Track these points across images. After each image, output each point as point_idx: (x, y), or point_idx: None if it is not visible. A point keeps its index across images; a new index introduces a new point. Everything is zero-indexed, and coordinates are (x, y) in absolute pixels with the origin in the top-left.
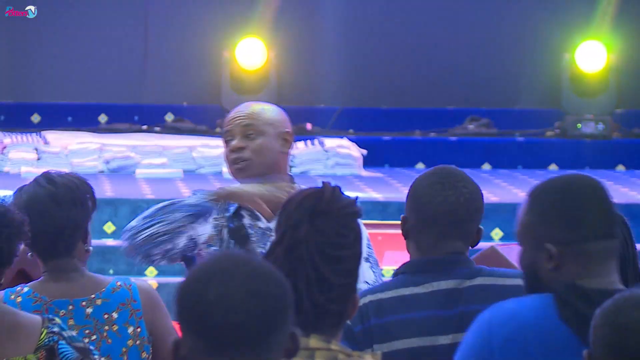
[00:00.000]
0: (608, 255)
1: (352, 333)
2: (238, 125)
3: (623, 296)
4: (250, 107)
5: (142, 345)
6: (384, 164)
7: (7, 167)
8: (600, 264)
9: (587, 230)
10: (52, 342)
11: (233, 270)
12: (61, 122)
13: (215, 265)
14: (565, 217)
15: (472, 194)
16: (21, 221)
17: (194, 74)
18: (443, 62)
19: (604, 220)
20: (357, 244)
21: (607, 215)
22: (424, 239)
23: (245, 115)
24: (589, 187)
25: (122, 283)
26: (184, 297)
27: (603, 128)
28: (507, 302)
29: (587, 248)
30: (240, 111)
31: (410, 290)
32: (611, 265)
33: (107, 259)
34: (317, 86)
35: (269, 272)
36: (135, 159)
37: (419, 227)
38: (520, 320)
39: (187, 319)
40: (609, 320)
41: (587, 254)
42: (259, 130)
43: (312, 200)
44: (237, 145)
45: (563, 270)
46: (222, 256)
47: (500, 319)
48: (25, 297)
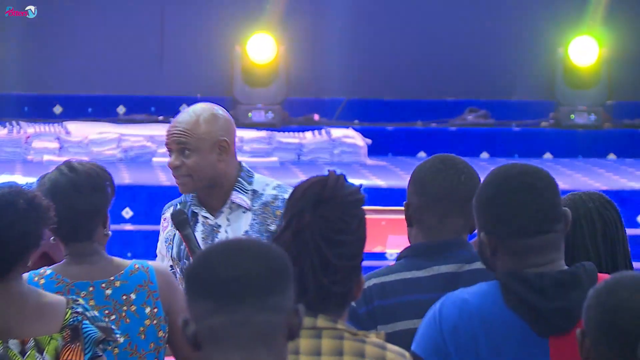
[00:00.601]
0: (543, 248)
1: (356, 314)
2: (174, 141)
3: (614, 277)
4: (186, 121)
5: (159, 325)
6: (388, 153)
7: (30, 155)
8: (535, 255)
9: (517, 228)
10: (76, 322)
11: (237, 242)
12: (82, 113)
13: (220, 243)
14: (497, 212)
15: (471, 175)
16: (47, 206)
17: (208, 67)
18: (443, 57)
19: (537, 217)
20: (361, 229)
21: (542, 211)
22: (427, 220)
23: (180, 132)
24: (526, 185)
25: (140, 266)
26: (192, 270)
27: (595, 119)
28: (456, 292)
29: (519, 243)
30: (177, 125)
31: (412, 274)
32: (549, 255)
33: (126, 242)
34: (324, 79)
35: (272, 247)
36: (151, 148)
37: (423, 207)
38: (467, 308)
39: (193, 283)
40: (600, 300)
41: (519, 248)
42: (193, 147)
43: (317, 188)
44: (174, 164)
45: (499, 259)
46: (228, 240)
47: (448, 307)
48: (48, 279)
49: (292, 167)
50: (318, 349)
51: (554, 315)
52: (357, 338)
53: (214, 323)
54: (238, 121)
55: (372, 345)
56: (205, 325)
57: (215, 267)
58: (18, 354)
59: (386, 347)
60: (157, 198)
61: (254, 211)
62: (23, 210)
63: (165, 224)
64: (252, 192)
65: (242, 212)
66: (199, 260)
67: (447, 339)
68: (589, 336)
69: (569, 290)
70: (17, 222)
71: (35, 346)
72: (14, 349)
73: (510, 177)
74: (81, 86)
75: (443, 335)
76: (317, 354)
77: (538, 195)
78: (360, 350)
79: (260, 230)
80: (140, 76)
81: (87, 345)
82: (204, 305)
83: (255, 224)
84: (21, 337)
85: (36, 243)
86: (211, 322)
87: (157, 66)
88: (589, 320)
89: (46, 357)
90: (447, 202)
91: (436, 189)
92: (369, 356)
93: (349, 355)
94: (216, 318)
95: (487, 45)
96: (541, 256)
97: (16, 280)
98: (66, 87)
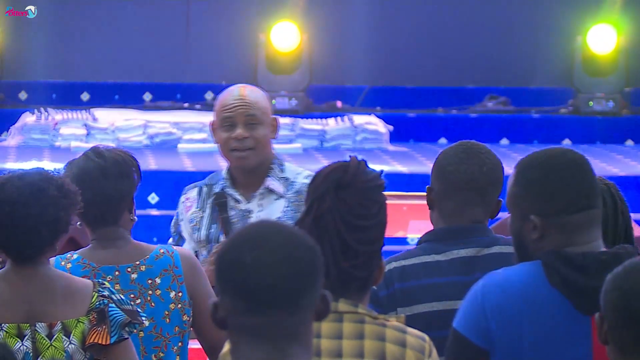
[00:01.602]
0: (589, 224)
1: (377, 297)
2: (241, 113)
3: (632, 262)
4: (249, 94)
5: (184, 309)
6: (409, 139)
7: (58, 141)
8: (581, 233)
9: (568, 203)
10: (102, 305)
11: (268, 236)
12: (109, 100)
13: (251, 231)
14: (547, 191)
15: (494, 165)
16: (76, 192)
17: (232, 55)
18: (464, 45)
19: (583, 193)
20: (382, 214)
21: (586, 187)
22: (447, 206)
23: (248, 104)
24: (570, 162)
25: (165, 250)
26: (224, 261)
27: (613, 105)
28: (499, 271)
29: (568, 219)
30: (241, 98)
31: (432, 258)
32: (593, 233)
33: (152, 227)
34: (347, 67)
35: (300, 237)
36: (177, 135)
37: (443, 194)
38: (510, 288)
39: (226, 281)
40: (617, 284)
41: (568, 224)
42: (259, 120)
43: (338, 173)
44: (243, 135)
45: (546, 240)
46: (257, 224)
47: (491, 287)
48: (75, 263)
49: (315, 153)
50: (339, 332)
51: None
52: (378, 322)
53: (245, 321)
54: None
55: (393, 329)
56: (236, 319)
57: (248, 272)
58: (45, 337)
59: (406, 330)
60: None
61: (287, 198)
62: (53, 196)
63: (189, 204)
64: (284, 180)
65: (275, 199)
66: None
67: (489, 317)
68: (606, 320)
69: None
70: (47, 208)
71: (63, 329)
72: (42, 332)
73: (553, 156)
74: (108, 74)
75: (486, 314)
76: (338, 337)
77: (582, 171)
78: (381, 334)
79: (293, 218)
80: (166, 64)
81: (113, 328)
82: (236, 303)
83: (288, 210)
84: (49, 321)
85: (65, 229)
86: (242, 319)
87: (183, 54)
88: (606, 304)
89: (73, 340)
90: (467, 192)
91: (457, 178)
92: (390, 340)
93: (369, 339)
94: (248, 317)
95: (507, 33)
96: (587, 233)
97: (44, 264)
98: (94, 75)
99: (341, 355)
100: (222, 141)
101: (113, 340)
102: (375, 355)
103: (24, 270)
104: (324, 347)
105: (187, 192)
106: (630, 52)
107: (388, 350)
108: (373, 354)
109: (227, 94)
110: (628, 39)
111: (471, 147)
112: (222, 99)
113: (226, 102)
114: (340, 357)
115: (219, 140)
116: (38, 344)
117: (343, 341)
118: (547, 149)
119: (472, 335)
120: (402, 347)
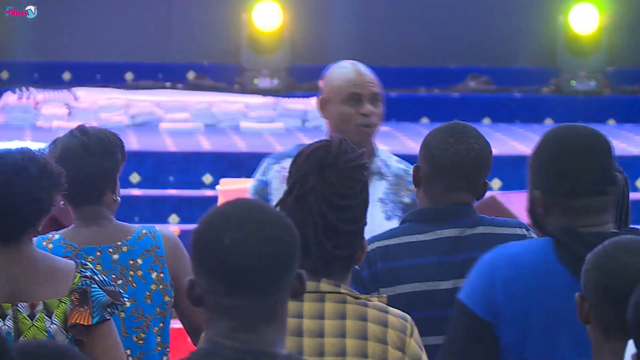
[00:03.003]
0: (595, 210)
1: (359, 277)
2: (369, 90)
3: (612, 241)
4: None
5: (165, 290)
6: (391, 119)
7: (40, 121)
8: (586, 217)
9: (572, 187)
10: (85, 286)
11: (246, 216)
12: (90, 80)
13: (229, 211)
14: (554, 172)
15: (482, 150)
16: (59, 173)
17: (214, 34)
18: (446, 24)
19: (595, 178)
20: (364, 193)
21: (599, 172)
22: (433, 189)
23: (372, 81)
24: (587, 144)
25: (147, 231)
26: (201, 242)
27: (595, 85)
28: (509, 245)
29: (572, 203)
30: (364, 76)
31: (415, 238)
32: (600, 218)
33: (133, 207)
34: (329, 46)
35: (278, 218)
36: (159, 114)
37: (430, 176)
38: (520, 263)
39: (204, 262)
40: (598, 264)
41: (571, 208)
42: (380, 97)
43: (320, 153)
44: (373, 111)
45: (551, 218)
46: (235, 203)
47: (501, 261)
48: (56, 243)
49: (297, 132)
50: (321, 312)
51: None
52: (360, 302)
53: (222, 301)
54: (244, 87)
55: (375, 309)
56: (212, 299)
57: (227, 253)
58: (27, 317)
59: (388, 310)
60: (164, 163)
61: (388, 180)
62: (35, 176)
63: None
64: (382, 161)
65: (376, 180)
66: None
67: (499, 289)
68: (587, 299)
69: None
70: (29, 188)
71: (44, 309)
72: (24, 312)
73: (570, 137)
74: (90, 53)
75: (495, 286)
76: (320, 317)
77: (596, 156)
78: (363, 314)
79: (394, 201)
80: (148, 43)
81: (95, 309)
82: (213, 284)
83: (390, 193)
84: (30, 301)
85: (47, 209)
86: (219, 299)
87: (165, 33)
88: (587, 283)
89: (55, 320)
90: (454, 176)
91: (445, 163)
92: (372, 320)
93: (351, 319)
94: (225, 298)
95: (489, 12)
96: (594, 217)
97: (27, 244)
98: (75, 54)
99: (323, 335)
100: (343, 116)
101: (95, 321)
102: (357, 335)
103: (6, 250)
104: (306, 327)
105: (280, 161)
106: (612, 31)
107: (370, 330)
108: (355, 333)
109: (346, 69)
110: (610, 19)
111: (460, 131)
112: (343, 74)
113: (351, 77)
114: (323, 337)
115: (338, 114)
116: (20, 323)
117: (325, 321)
118: (571, 127)
119: (478, 307)
120: (384, 327)
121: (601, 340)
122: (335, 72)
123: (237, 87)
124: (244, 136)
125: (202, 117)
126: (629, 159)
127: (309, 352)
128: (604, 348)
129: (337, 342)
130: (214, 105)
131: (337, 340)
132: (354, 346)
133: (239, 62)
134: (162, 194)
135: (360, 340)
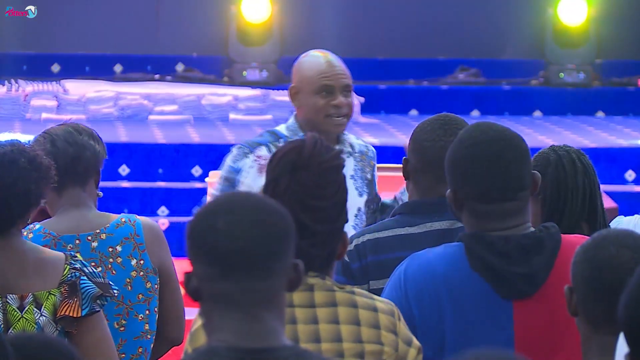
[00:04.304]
0: (506, 215)
1: (349, 270)
2: (340, 82)
3: (601, 233)
4: (340, 63)
5: (146, 276)
6: (380, 111)
7: (29, 113)
8: (496, 222)
9: (479, 193)
10: (74, 278)
11: (239, 203)
12: (79, 72)
13: (223, 200)
14: (462, 174)
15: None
16: (48, 166)
17: (203, 27)
18: (435, 16)
19: (500, 187)
20: (340, 194)
21: (504, 179)
22: (422, 181)
23: (344, 73)
24: (494, 150)
25: (127, 219)
26: (195, 228)
27: (584, 77)
28: (422, 252)
29: (480, 208)
30: (336, 67)
31: (405, 230)
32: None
33: (122, 199)
34: (318, 38)
35: (271, 204)
36: (148, 106)
37: (419, 169)
38: (432, 272)
39: (198, 247)
40: (587, 256)
41: (481, 212)
42: (351, 89)
43: (293, 155)
44: (345, 102)
45: (464, 217)
46: (229, 194)
47: (413, 270)
48: (36, 233)
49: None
50: (312, 301)
51: (517, 279)
52: (346, 290)
53: (218, 287)
54: (233, 80)
55: (361, 297)
56: (208, 286)
57: (220, 237)
58: (17, 309)
59: (374, 297)
60: (153, 155)
61: (355, 157)
62: (25, 168)
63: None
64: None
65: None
66: (202, 221)
67: (411, 302)
68: (576, 292)
69: (533, 256)
70: (18, 180)
71: (34, 301)
72: (13, 304)
73: (479, 142)
74: (79, 45)
75: (408, 298)
76: (311, 305)
77: (503, 166)
78: (352, 301)
79: (362, 177)
80: (137, 35)
81: (84, 301)
82: (208, 270)
83: (358, 169)
84: (20, 293)
85: (36, 202)
86: (215, 285)
87: (154, 25)
88: (576, 275)
89: (44, 312)
90: (441, 170)
91: (434, 155)
92: (361, 306)
93: (342, 305)
94: (221, 284)
95: (478, 4)
96: (502, 222)
97: (16, 236)
98: (64, 46)
99: (317, 321)
100: (315, 107)
101: (84, 312)
102: (350, 321)
103: None
104: (298, 315)
105: (254, 150)
106: (600, 23)
107: (362, 316)
108: (348, 320)
109: (317, 60)
110: (599, 11)
111: (449, 123)
112: (314, 65)
113: (323, 69)
114: (317, 323)
115: (309, 105)
116: (9, 315)
117: (317, 309)
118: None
119: None
120: (374, 312)
121: (589, 333)
122: (306, 62)
123: (226, 80)
124: (233, 128)
125: (191, 109)
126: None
127: (305, 339)
128: (592, 341)
129: (332, 329)
130: (203, 97)
131: (332, 326)
132: (348, 332)
133: (227, 54)
134: (152, 186)
135: (353, 325)
